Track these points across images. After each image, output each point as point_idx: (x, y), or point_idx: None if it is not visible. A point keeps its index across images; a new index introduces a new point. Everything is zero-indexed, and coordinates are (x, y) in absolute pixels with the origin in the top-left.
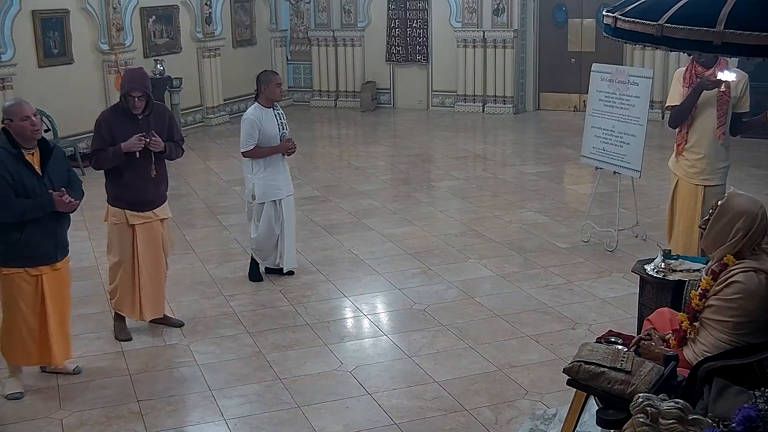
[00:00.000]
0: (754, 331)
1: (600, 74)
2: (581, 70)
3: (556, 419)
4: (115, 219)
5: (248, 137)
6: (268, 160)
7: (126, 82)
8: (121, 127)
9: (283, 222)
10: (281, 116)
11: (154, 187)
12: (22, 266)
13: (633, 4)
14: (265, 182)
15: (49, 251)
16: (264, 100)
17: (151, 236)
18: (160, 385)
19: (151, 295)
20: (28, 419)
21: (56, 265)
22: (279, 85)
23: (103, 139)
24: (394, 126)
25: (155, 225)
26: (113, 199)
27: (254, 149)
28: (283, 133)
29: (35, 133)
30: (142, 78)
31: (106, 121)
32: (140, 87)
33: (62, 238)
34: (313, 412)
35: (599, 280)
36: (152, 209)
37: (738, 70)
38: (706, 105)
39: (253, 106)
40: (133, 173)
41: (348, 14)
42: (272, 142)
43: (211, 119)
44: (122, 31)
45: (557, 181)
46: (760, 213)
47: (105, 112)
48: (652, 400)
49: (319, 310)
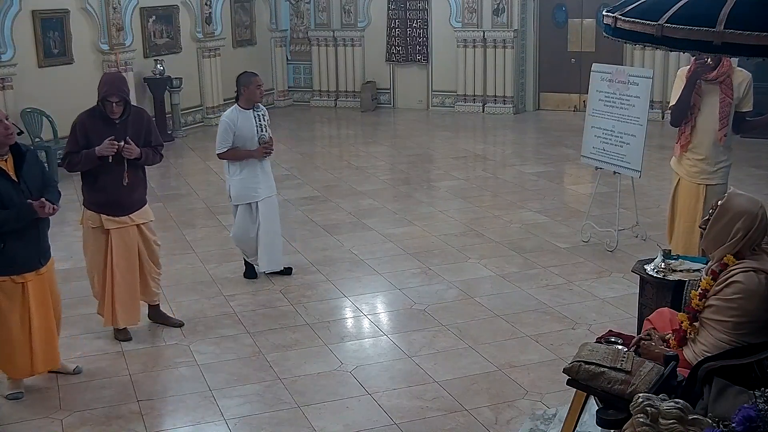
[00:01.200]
0: (754, 331)
1: (600, 74)
2: (581, 70)
3: (556, 419)
4: (91, 222)
5: (222, 140)
6: (245, 162)
7: (103, 87)
8: (97, 130)
9: (260, 224)
10: (262, 117)
11: (129, 192)
12: (7, 274)
13: (633, 4)
14: (240, 184)
15: (32, 258)
16: (243, 101)
17: (125, 242)
18: (160, 385)
19: (126, 301)
20: (28, 419)
21: (40, 270)
22: (259, 87)
23: (77, 142)
24: (394, 126)
25: (131, 231)
26: (89, 203)
27: (228, 151)
28: (262, 135)
29: (8, 138)
30: (119, 82)
31: (82, 123)
32: (117, 92)
33: (44, 244)
34: (313, 412)
35: (599, 280)
36: (127, 214)
37: (742, 69)
38: (707, 106)
39: (231, 107)
40: (107, 177)
41: (348, 14)
42: (248, 144)
43: (211, 119)
44: (122, 31)
45: (557, 181)
46: (760, 213)
47: (82, 114)
48: (652, 400)
49: (319, 310)
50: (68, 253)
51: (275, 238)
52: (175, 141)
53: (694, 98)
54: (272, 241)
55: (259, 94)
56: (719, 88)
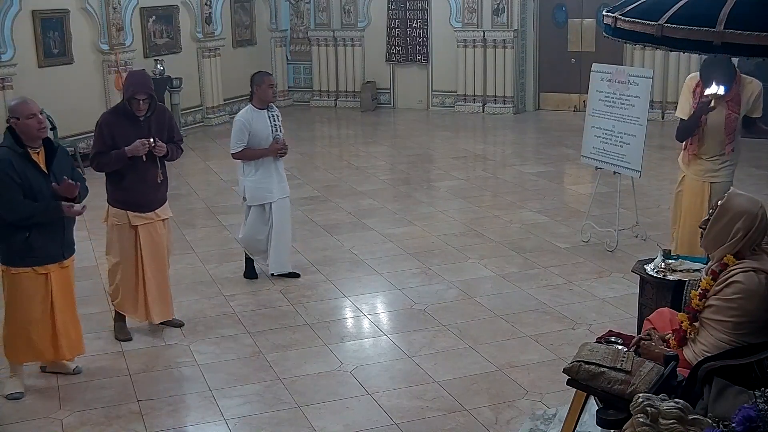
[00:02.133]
0: (754, 331)
1: (600, 74)
2: (581, 70)
3: (556, 419)
4: (116, 220)
5: (237, 139)
6: (260, 162)
7: (130, 85)
8: (122, 129)
9: (272, 225)
10: (276, 117)
11: (156, 189)
12: (30, 265)
13: (633, 4)
14: (255, 185)
15: (56, 250)
16: (257, 101)
17: (153, 237)
18: (160, 385)
19: (158, 297)
20: (28, 419)
21: (63, 263)
22: (271, 86)
23: (104, 142)
24: (394, 126)
25: (157, 225)
26: (114, 201)
27: (243, 151)
28: (276, 135)
29: (41, 131)
30: (146, 80)
31: (108, 123)
32: (146, 90)
33: (69, 237)
34: (313, 412)
35: (599, 280)
36: (154, 210)
37: (753, 80)
38: (714, 122)
39: (245, 107)
40: (134, 176)
41: (348, 14)
42: (263, 144)
43: (211, 119)
44: (122, 31)
45: (557, 181)
46: (760, 213)
47: (106, 113)
48: (652, 400)
49: (319, 310)
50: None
51: (285, 240)
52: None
53: None
54: (282, 242)
55: (272, 94)
56: (726, 105)
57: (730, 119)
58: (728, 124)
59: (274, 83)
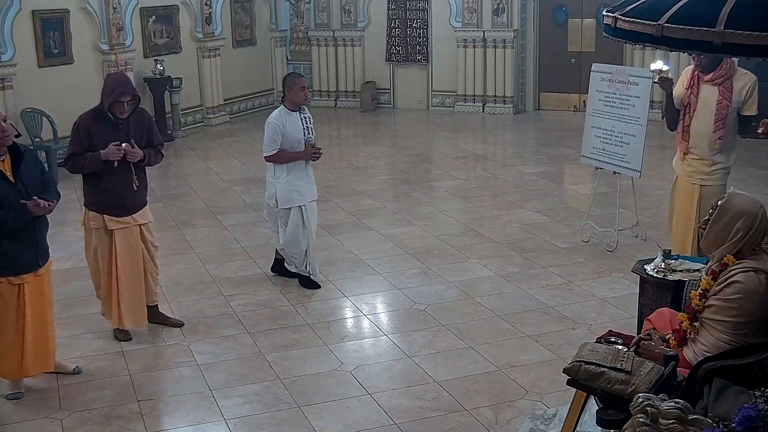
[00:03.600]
0: (754, 331)
1: (600, 74)
2: (581, 70)
3: (556, 419)
4: (94, 223)
5: (271, 141)
6: (292, 165)
7: (115, 88)
8: (100, 131)
9: (310, 226)
10: (308, 120)
11: (133, 193)
12: (4, 275)
13: (633, 4)
14: (287, 188)
15: (30, 259)
16: (289, 103)
17: (129, 243)
18: (160, 385)
19: (131, 303)
20: (28, 419)
21: (38, 272)
22: (303, 89)
23: (81, 143)
24: (394, 126)
25: (134, 231)
26: (91, 204)
27: (277, 154)
28: (309, 138)
29: (5, 139)
30: (129, 81)
31: (85, 124)
32: (131, 91)
33: (42, 244)
34: (313, 412)
35: (599, 280)
36: (130, 214)
37: (747, 72)
38: (704, 108)
39: (278, 109)
40: (111, 178)
41: (348, 14)
42: (296, 147)
43: (211, 119)
44: (122, 31)
45: (557, 181)
46: (760, 213)
47: (84, 115)
48: (652, 400)
49: (319, 310)
50: (68, 253)
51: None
52: (175, 141)
53: (692, 99)
54: (312, 245)
55: (303, 97)
56: (717, 90)
57: (721, 105)
58: (719, 110)
59: (305, 85)
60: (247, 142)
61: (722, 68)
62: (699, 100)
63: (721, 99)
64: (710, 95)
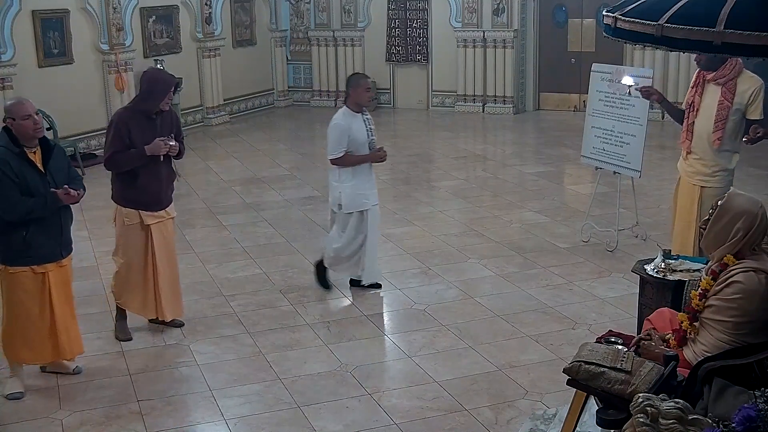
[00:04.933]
0: (754, 331)
1: (600, 74)
2: (581, 70)
3: (556, 419)
4: (128, 220)
5: (337, 144)
6: (357, 168)
7: (160, 80)
8: (138, 128)
9: (367, 233)
10: (369, 121)
11: (166, 187)
12: (28, 264)
13: (633, 4)
14: (353, 191)
15: (54, 249)
16: (352, 104)
17: (164, 236)
18: (160, 385)
19: (170, 295)
20: (28, 419)
21: (62, 262)
22: (369, 89)
23: (122, 141)
24: (394, 126)
25: (168, 224)
26: (126, 200)
27: (344, 156)
28: (372, 140)
29: (37, 131)
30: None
31: (124, 122)
32: (173, 80)
33: (67, 236)
34: (313, 412)
35: (599, 280)
36: (164, 208)
37: (753, 76)
38: (706, 108)
39: (341, 110)
40: (148, 175)
41: (348, 14)
42: (360, 149)
43: (211, 119)
44: (122, 31)
45: (557, 181)
46: (760, 213)
47: (121, 112)
48: (652, 400)
49: (319, 310)
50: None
51: (376, 248)
52: None
53: (696, 99)
54: (375, 251)
55: (368, 98)
56: (720, 91)
57: (721, 106)
58: (719, 111)
59: (370, 86)
60: (247, 142)
61: (726, 68)
62: (702, 99)
63: (722, 99)
64: (713, 95)
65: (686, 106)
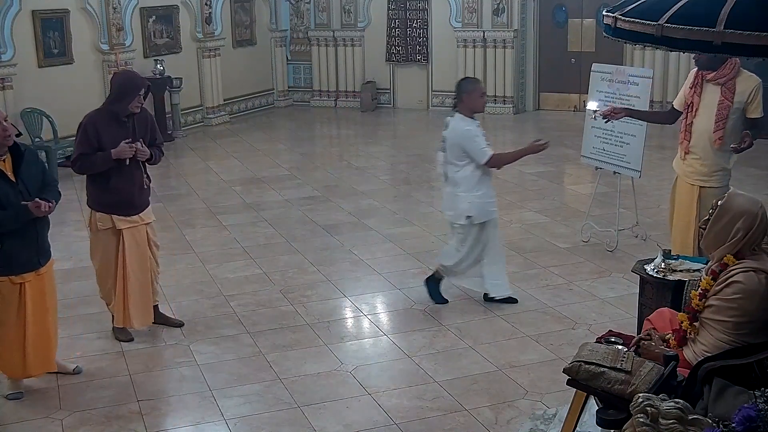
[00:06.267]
0: (754, 331)
1: (600, 74)
2: (581, 70)
3: (556, 419)
4: (101, 224)
5: (483, 144)
6: (484, 177)
7: (130, 82)
8: (108, 131)
9: (488, 244)
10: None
11: (140, 192)
12: (5, 275)
13: (633, 4)
14: (482, 200)
15: (31, 258)
16: (465, 110)
17: (137, 242)
18: (160, 385)
19: (140, 302)
20: (28, 419)
21: (40, 271)
22: (484, 95)
23: (90, 143)
24: (394, 126)
25: (141, 230)
26: (98, 204)
27: (494, 157)
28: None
29: (6, 139)
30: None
31: (93, 124)
32: (143, 83)
33: (43, 243)
34: (313, 412)
35: (599, 280)
36: (138, 213)
37: (752, 75)
38: (706, 108)
39: (457, 117)
40: (120, 178)
41: (348, 14)
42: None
43: (211, 119)
44: (122, 31)
45: (557, 181)
46: (760, 213)
47: (91, 114)
48: (652, 400)
49: (319, 310)
50: (68, 253)
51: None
52: (175, 141)
53: (695, 99)
54: (502, 261)
55: (483, 104)
56: (720, 90)
57: (722, 105)
58: (719, 110)
59: (485, 91)
60: (247, 142)
61: (725, 68)
62: (702, 99)
63: (722, 99)
64: (713, 95)
65: (684, 107)
